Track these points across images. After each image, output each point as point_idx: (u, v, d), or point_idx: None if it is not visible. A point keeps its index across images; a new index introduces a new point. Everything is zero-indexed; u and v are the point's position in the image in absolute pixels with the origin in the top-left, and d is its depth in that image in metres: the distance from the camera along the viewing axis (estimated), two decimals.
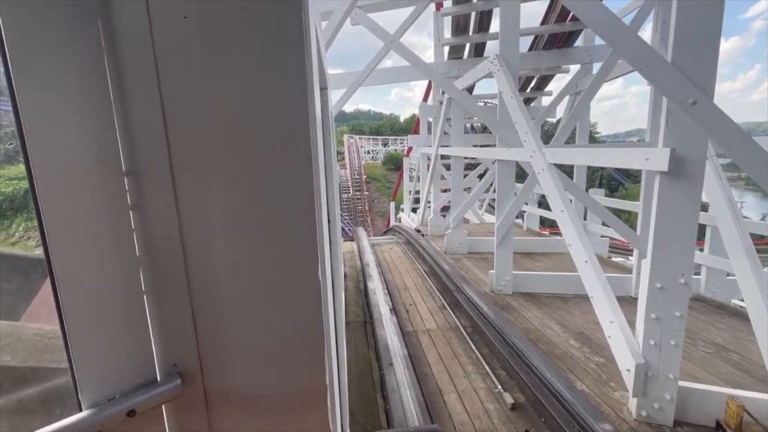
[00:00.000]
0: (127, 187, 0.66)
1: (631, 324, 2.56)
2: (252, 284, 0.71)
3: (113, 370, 0.66)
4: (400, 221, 21.62)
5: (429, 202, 12.84)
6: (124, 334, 0.67)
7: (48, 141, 0.62)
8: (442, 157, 13.31)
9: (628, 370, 2.42)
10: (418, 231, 12.26)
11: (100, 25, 0.61)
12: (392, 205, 23.82)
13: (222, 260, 0.70)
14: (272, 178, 0.69)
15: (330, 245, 0.83)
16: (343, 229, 27.19)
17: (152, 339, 0.69)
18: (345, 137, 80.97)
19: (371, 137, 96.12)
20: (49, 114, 0.62)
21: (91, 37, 0.61)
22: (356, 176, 64.76)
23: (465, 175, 12.43)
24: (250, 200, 0.69)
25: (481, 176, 14.01)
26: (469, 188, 16.88)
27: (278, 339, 0.70)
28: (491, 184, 13.65)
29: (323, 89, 1.11)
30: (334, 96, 8.46)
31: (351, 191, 59.15)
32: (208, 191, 0.69)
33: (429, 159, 12.76)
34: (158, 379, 0.68)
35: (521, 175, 7.91)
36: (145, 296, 0.68)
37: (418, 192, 17.29)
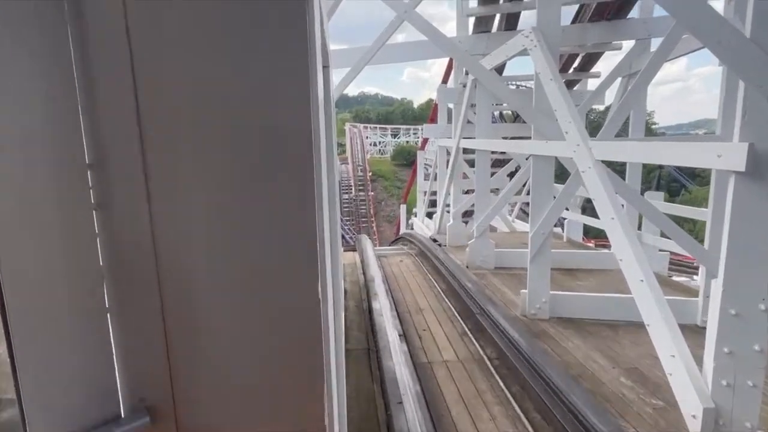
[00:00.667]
0: (90, 183, 0.64)
1: (698, 359, 2.51)
2: (238, 303, 0.69)
3: (69, 403, 0.64)
4: (412, 228, 21.66)
5: (448, 205, 12.85)
6: (83, 361, 0.65)
7: None
8: (465, 151, 13.30)
9: (694, 417, 2.38)
10: (435, 241, 12.26)
11: None
12: (403, 208, 23.89)
13: (203, 273, 0.69)
14: (265, 174, 0.67)
15: (330, 256, 0.82)
16: (343, 236, 27.45)
17: (116, 367, 0.67)
18: (347, 126, 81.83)
19: (378, 126, 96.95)
20: None
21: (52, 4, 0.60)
22: (359, 173, 65.38)
23: (492, 174, 12.41)
24: (239, 200, 0.68)
25: (511, 175, 13.99)
26: (497, 189, 16.80)
27: (268, 370, 0.68)
28: (524, 185, 13.62)
29: (325, 68, 1.09)
30: (336, 77, 8.54)
31: (353, 191, 59.76)
32: (189, 189, 0.68)
33: (448, 153, 12.76)
34: (122, 414, 0.66)
35: (561, 174, 7.82)
36: (108, 315, 0.66)
37: (434, 193, 17.34)
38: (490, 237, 9.25)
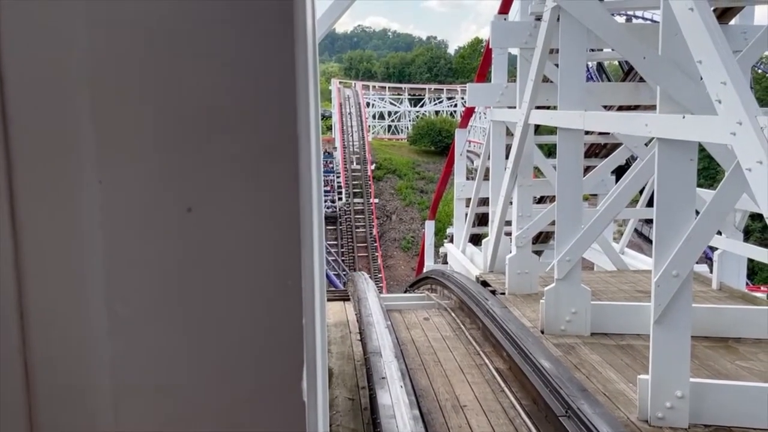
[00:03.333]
0: None
1: None
2: (164, 396, 0.78)
3: None
4: (444, 261, 21.61)
5: (508, 223, 12.83)
6: None
7: None
8: (538, 130, 13.34)
9: None
10: (485, 284, 12.17)
11: None
12: (429, 227, 24.54)
13: (101, 342, 0.76)
14: (211, 175, 0.75)
15: (318, 315, 0.87)
16: (327, 277, 27.50)
17: None
18: (334, 85, 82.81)
19: (388, 86, 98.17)
20: None
21: None
22: (355, 164, 66.08)
23: (586, 170, 12.31)
24: (164, 219, 0.75)
25: (619, 172, 14.00)
26: (594, 198, 16.68)
27: None
28: (642, 190, 13.61)
29: None
30: (318, 2, 8.69)
31: (344, 195, 60.36)
32: (79, 197, 0.75)
33: (510, 134, 12.84)
34: None
35: (706, 171, 7.80)
36: None
37: (484, 202, 17.22)
38: (584, 279, 9.23)
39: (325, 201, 51.35)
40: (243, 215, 0.76)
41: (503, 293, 11.24)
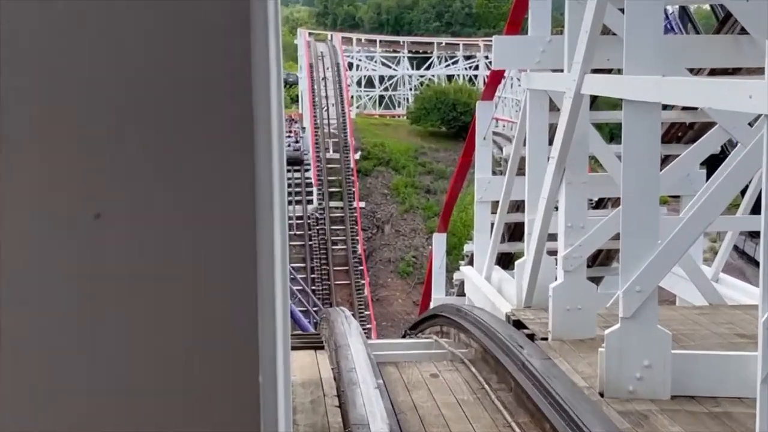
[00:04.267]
0: None
1: None
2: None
3: None
4: (460, 291, 21.40)
5: (551, 238, 12.74)
6: None
7: None
8: (594, 104, 13.12)
9: None
10: (518, 325, 12.04)
11: None
12: (439, 240, 24.98)
13: None
14: (126, 174, 0.78)
15: (280, 372, 0.88)
16: (292, 314, 27.15)
17: None
18: (302, 37, 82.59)
19: (379, 40, 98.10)
20: None
21: None
22: (331, 153, 65.80)
23: (664, 160, 12.17)
24: (66, 227, 0.79)
25: (711, 164, 14.00)
26: (676, 200, 16.71)
27: None
28: (745, 190, 13.57)
29: None
30: None
31: (315, 196, 60.04)
32: None
33: (554, 108, 12.84)
34: None
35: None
36: None
37: (517, 207, 17.03)
38: (661, 317, 9.26)
39: (288, 204, 51.20)
40: (173, 224, 0.79)
41: (545, 338, 11.23)
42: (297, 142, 57.49)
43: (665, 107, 10.44)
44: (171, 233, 0.79)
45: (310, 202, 57.46)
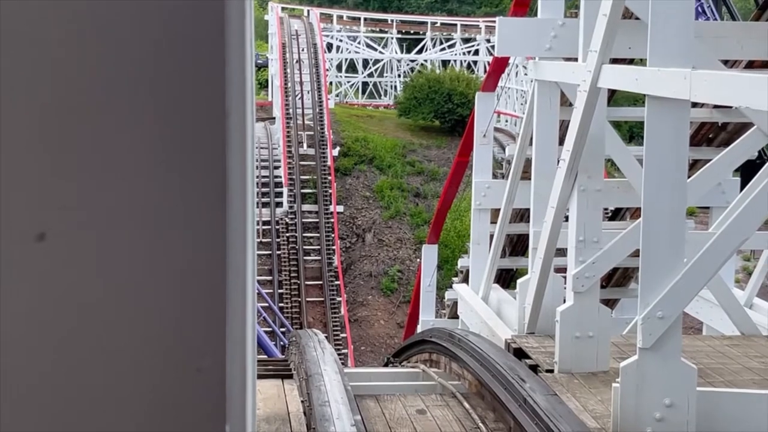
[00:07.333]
0: None
1: None
2: None
3: None
4: (451, 313, 21.27)
5: (559, 253, 12.74)
6: None
7: None
8: (612, 99, 13.11)
9: None
10: (520, 354, 12.03)
11: None
12: (429, 252, 25.40)
13: None
14: (75, 186, 0.78)
15: (248, 410, 0.89)
16: (258, 340, 27.04)
17: None
18: (273, 12, 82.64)
19: (363, 17, 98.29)
20: None
21: None
22: (305, 148, 65.81)
23: (692, 166, 12.18)
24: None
25: (746, 171, 14.07)
26: (705, 212, 16.78)
27: None
28: None
29: None
30: None
31: (285, 197, 59.98)
32: None
33: (566, 102, 12.95)
34: None
35: None
36: None
37: (521, 216, 17.08)
38: (685, 350, 9.13)
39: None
40: (133, 244, 0.79)
41: (551, 370, 11.26)
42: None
43: (695, 104, 10.46)
44: (131, 255, 0.80)
45: (279, 204, 57.29)
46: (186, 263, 0.79)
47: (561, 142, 12.37)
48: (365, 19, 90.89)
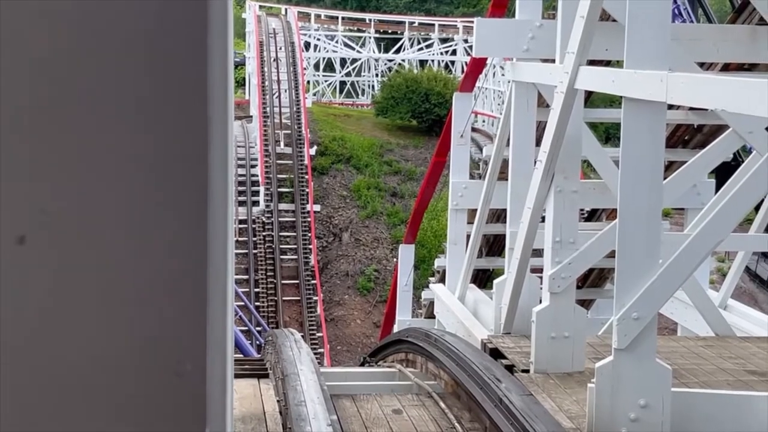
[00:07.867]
0: None
1: None
2: None
3: None
4: (428, 313, 21.25)
5: (535, 254, 12.75)
6: None
7: None
8: (589, 100, 13.11)
9: None
10: (496, 354, 12.03)
11: None
12: (405, 252, 25.73)
13: None
14: (57, 187, 0.77)
15: (228, 413, 0.90)
16: (235, 340, 26.97)
17: None
18: (251, 10, 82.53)
19: (341, 16, 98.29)
20: None
21: None
22: (282, 147, 65.76)
23: (668, 167, 12.20)
24: None
25: (722, 173, 14.10)
26: (680, 213, 16.87)
27: None
28: (760, 204, 13.69)
29: None
30: None
31: (262, 196, 59.89)
32: None
33: (543, 104, 12.92)
34: None
35: None
36: None
37: (498, 216, 17.14)
38: (660, 351, 9.28)
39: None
40: (117, 247, 0.78)
41: (526, 370, 11.27)
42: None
43: (671, 107, 10.49)
44: (114, 258, 0.79)
45: (255, 203, 57.16)
46: (168, 268, 0.79)
47: (538, 143, 12.39)
48: (343, 18, 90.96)
